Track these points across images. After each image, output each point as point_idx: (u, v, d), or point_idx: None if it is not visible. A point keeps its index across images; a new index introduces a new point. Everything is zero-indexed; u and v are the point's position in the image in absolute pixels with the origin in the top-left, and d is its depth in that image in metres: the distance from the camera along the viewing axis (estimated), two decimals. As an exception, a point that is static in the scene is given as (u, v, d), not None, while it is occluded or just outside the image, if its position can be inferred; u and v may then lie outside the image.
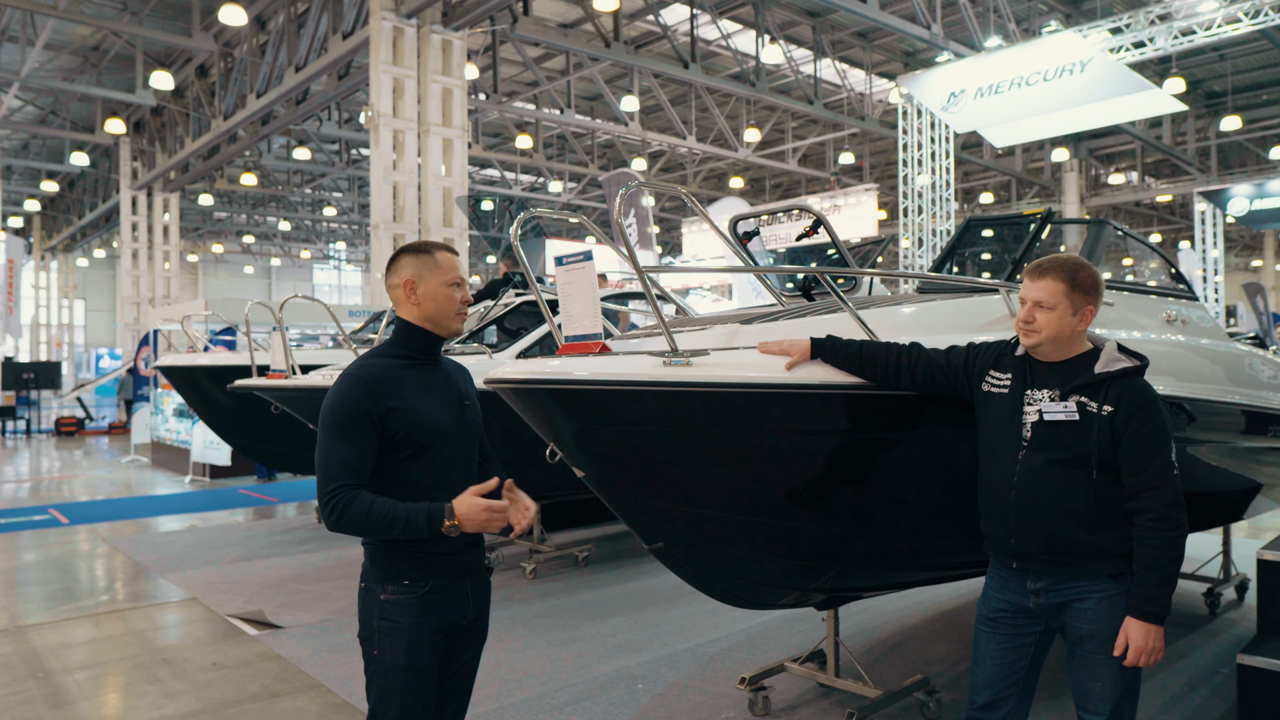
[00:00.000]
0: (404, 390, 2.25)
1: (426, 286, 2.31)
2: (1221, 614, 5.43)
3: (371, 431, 2.18)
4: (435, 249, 2.37)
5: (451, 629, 2.30)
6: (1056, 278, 2.48)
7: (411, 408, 2.23)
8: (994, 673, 2.61)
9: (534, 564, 6.50)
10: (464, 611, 2.32)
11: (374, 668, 2.25)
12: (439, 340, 2.38)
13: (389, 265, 2.41)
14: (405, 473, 2.23)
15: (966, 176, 28.35)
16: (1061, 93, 14.78)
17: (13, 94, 18.94)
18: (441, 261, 2.34)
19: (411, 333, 2.34)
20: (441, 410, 2.31)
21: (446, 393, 2.36)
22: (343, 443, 2.16)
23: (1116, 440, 2.39)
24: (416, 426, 2.23)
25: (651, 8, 16.00)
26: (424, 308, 2.32)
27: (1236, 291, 22.18)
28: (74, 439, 18.68)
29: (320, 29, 13.60)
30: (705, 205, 22.19)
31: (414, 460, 2.24)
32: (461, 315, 2.37)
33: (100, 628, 5.34)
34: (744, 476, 2.89)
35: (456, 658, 2.36)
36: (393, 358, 2.31)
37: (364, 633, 2.27)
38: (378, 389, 2.21)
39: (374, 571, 2.27)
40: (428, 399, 2.29)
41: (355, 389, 2.21)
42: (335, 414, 2.19)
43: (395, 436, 2.20)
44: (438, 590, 2.25)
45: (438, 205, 12.37)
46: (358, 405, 2.18)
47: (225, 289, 41.37)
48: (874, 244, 7.69)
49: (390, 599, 2.23)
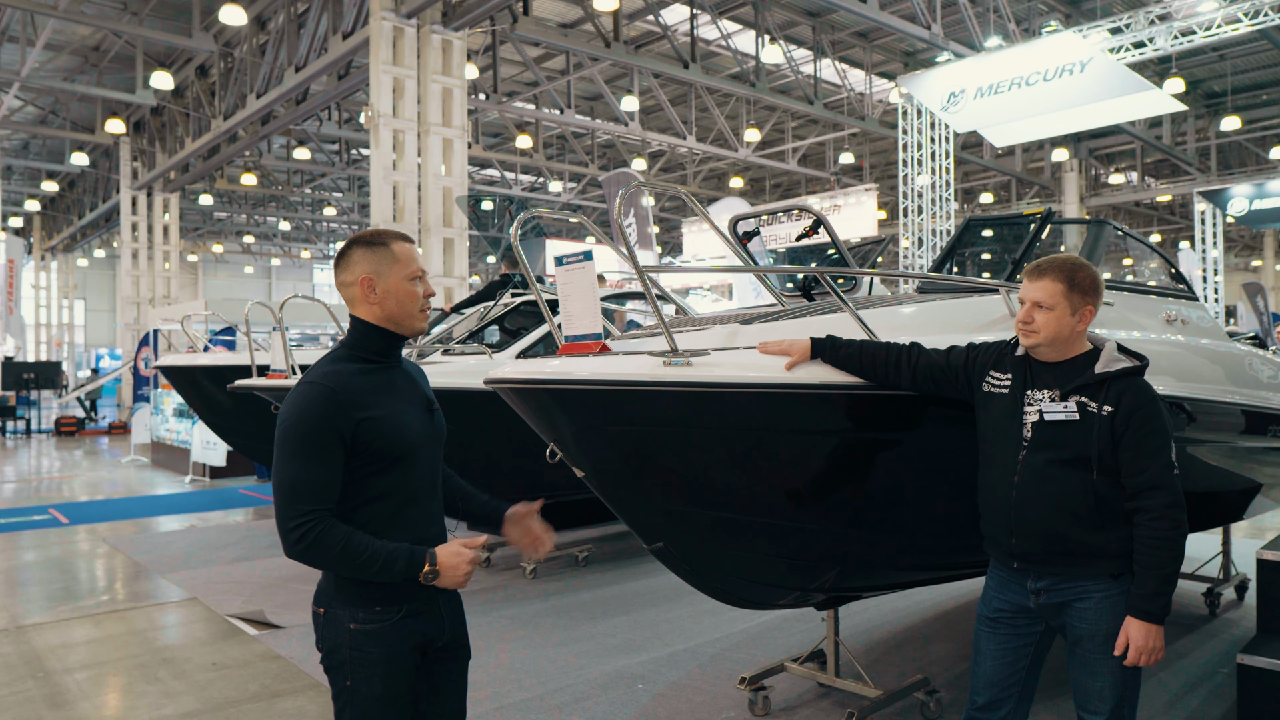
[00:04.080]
0: (373, 399, 2.05)
1: (386, 283, 2.10)
2: (1221, 614, 5.43)
3: (341, 449, 1.98)
4: (391, 240, 2.14)
5: (428, 649, 2.14)
6: (1055, 278, 2.48)
7: (383, 418, 2.04)
8: (994, 673, 2.61)
9: (534, 564, 6.50)
10: (440, 632, 2.15)
11: (346, 698, 2.06)
12: (400, 340, 2.17)
13: (339, 260, 2.16)
14: (375, 485, 2.05)
15: (966, 176, 28.34)
16: (1061, 93, 14.78)
17: (13, 94, 18.93)
18: (400, 254, 2.12)
19: (372, 334, 2.13)
20: (410, 416, 2.12)
21: (412, 398, 2.17)
22: (309, 462, 1.96)
23: (1116, 440, 2.39)
24: (390, 439, 2.04)
25: (651, 8, 15.99)
26: (384, 306, 2.11)
27: (1236, 291, 22.20)
28: (74, 439, 18.68)
29: (320, 29, 13.59)
30: (705, 205, 22.19)
31: (383, 474, 2.05)
32: (425, 312, 2.16)
33: (100, 628, 5.34)
34: (744, 476, 2.89)
35: (442, 682, 2.20)
36: (355, 362, 2.10)
37: (331, 661, 2.07)
38: (347, 401, 2.00)
39: (338, 596, 2.06)
40: (399, 406, 2.10)
41: (322, 402, 1.99)
42: (300, 429, 1.98)
43: (366, 451, 2.01)
44: (412, 614, 2.07)
45: (438, 205, 12.37)
46: (326, 421, 1.97)
47: (225, 289, 41.36)
48: (874, 244, 7.69)
49: (361, 629, 2.03)
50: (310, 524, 1.93)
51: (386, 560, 1.95)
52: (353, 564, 1.95)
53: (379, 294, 2.10)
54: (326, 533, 1.93)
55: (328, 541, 1.93)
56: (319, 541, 1.93)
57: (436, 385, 2.43)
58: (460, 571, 2.00)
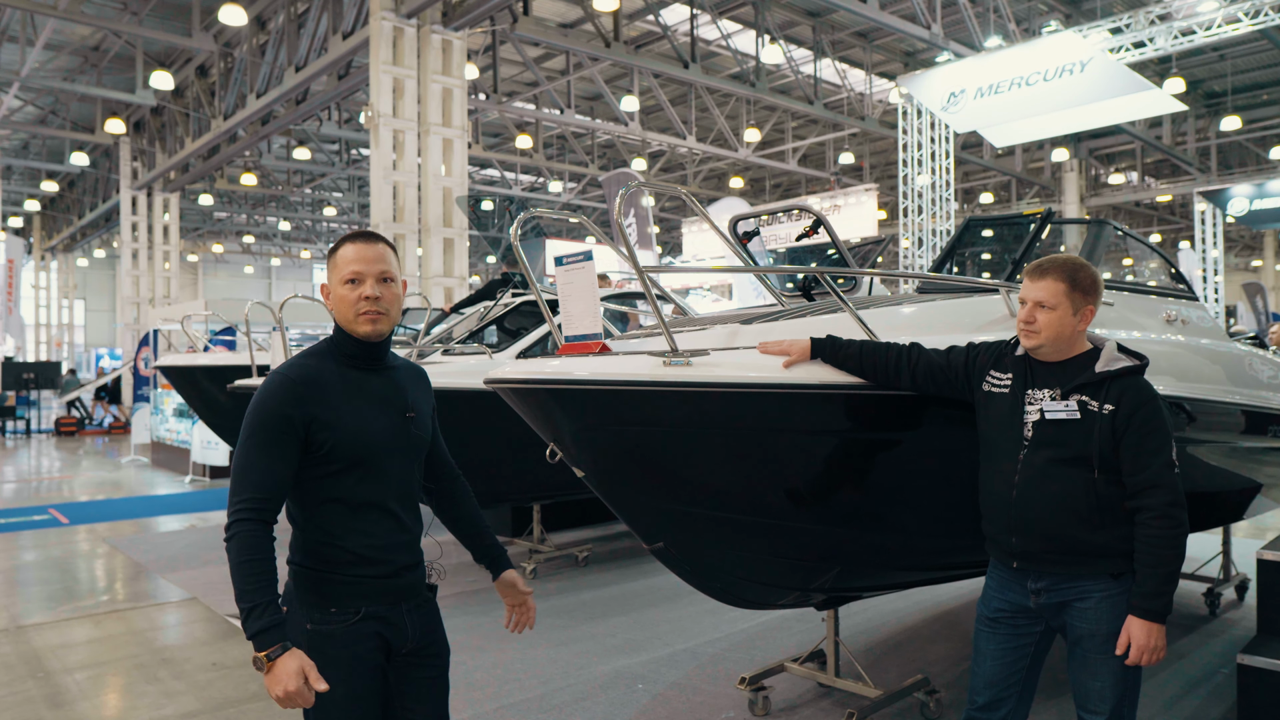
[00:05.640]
0: (334, 397, 2.02)
1: (333, 289, 2.09)
2: (1221, 614, 5.43)
3: (293, 440, 1.96)
4: (342, 244, 2.10)
5: (391, 652, 2.09)
6: (1057, 278, 2.48)
7: (340, 418, 2.00)
8: (994, 673, 2.61)
9: (534, 564, 6.50)
10: (403, 639, 2.09)
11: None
12: (372, 345, 2.10)
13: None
14: (333, 487, 2.02)
15: (966, 176, 28.35)
16: (1061, 93, 14.78)
17: (13, 94, 18.93)
18: (339, 258, 2.08)
19: (342, 339, 2.11)
20: (378, 421, 2.07)
21: (388, 402, 2.11)
22: (258, 451, 1.95)
23: (1117, 439, 2.40)
24: (345, 439, 2.00)
25: (651, 8, 15.99)
26: (336, 310, 2.09)
27: (1236, 291, 22.20)
28: (74, 439, 18.68)
29: (320, 29, 13.60)
30: (705, 205, 22.19)
31: (344, 475, 2.02)
32: (365, 315, 2.05)
33: (100, 628, 5.34)
34: (744, 476, 2.89)
35: (415, 687, 2.14)
36: (330, 358, 2.09)
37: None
38: (304, 394, 1.99)
39: (297, 595, 2.04)
40: (363, 408, 2.05)
41: (280, 391, 1.98)
42: (257, 417, 1.97)
43: (321, 449, 1.98)
44: (370, 616, 2.03)
45: (438, 205, 12.37)
46: (280, 410, 1.96)
47: (225, 289, 41.36)
48: (874, 244, 7.69)
49: (318, 629, 2.00)
50: (237, 520, 1.91)
51: (250, 610, 1.87)
52: (236, 582, 1.89)
53: (332, 300, 2.10)
54: (246, 537, 1.90)
55: (241, 546, 1.90)
56: (236, 540, 1.90)
57: (436, 385, 2.41)
58: (279, 689, 1.85)
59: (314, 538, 2.04)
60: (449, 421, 2.50)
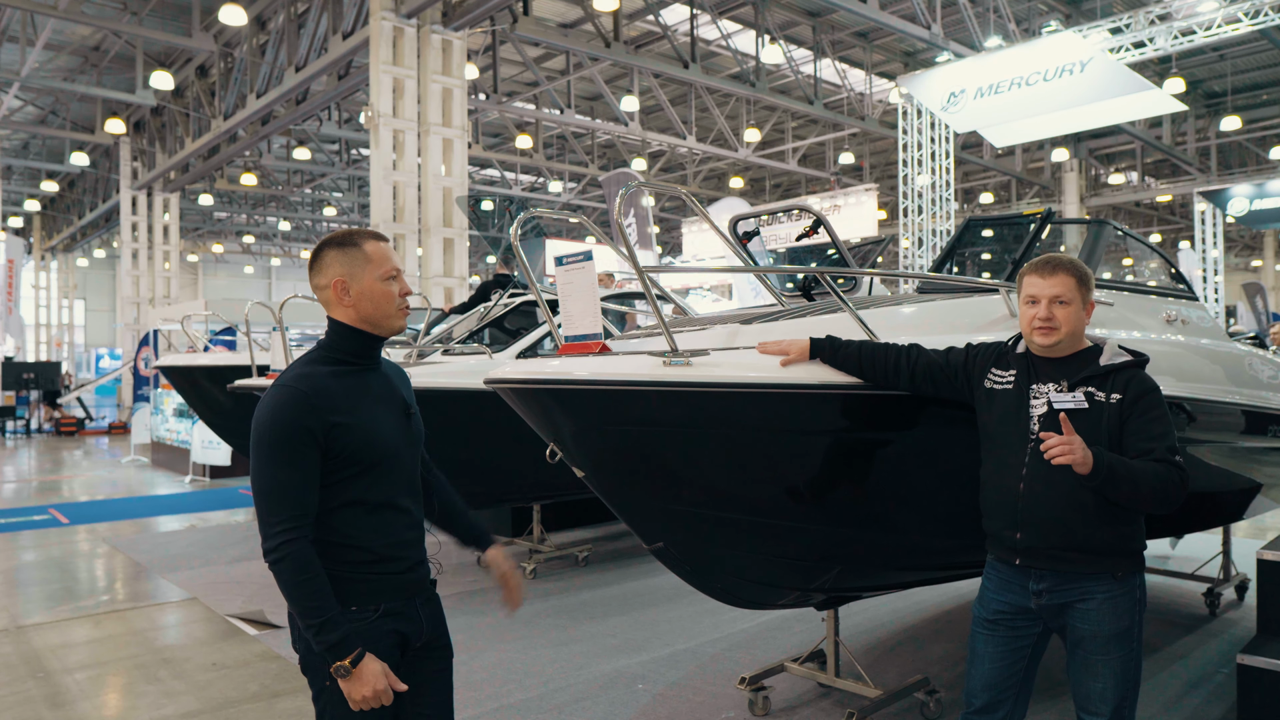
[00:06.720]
0: (348, 402, 2.02)
1: (360, 285, 2.06)
2: (1221, 614, 5.43)
3: (315, 452, 1.96)
4: (363, 239, 2.10)
5: (406, 647, 2.11)
6: (1069, 273, 2.52)
7: (358, 422, 2.01)
8: (992, 675, 2.60)
9: (534, 564, 6.50)
10: (418, 632, 2.12)
11: (327, 698, 2.02)
12: (379, 341, 2.14)
13: (312, 262, 2.12)
14: (351, 489, 2.02)
15: (966, 176, 28.34)
16: (1061, 93, 14.77)
17: (13, 94, 18.93)
18: (372, 254, 2.08)
19: (348, 336, 2.10)
20: (387, 421, 2.09)
21: (390, 401, 2.14)
22: (285, 468, 1.94)
23: (1123, 423, 2.42)
24: (364, 443, 2.02)
25: (651, 8, 15.99)
26: (360, 308, 2.07)
27: (1236, 291, 22.17)
28: (74, 439, 18.67)
29: (320, 29, 13.60)
30: (705, 205, 22.18)
31: (360, 477, 2.03)
32: (404, 311, 2.13)
33: (100, 628, 5.34)
34: (744, 476, 2.89)
35: (423, 681, 2.16)
36: (331, 364, 2.07)
37: (308, 661, 2.04)
38: (320, 403, 1.98)
39: None
40: (374, 410, 2.07)
41: (295, 404, 1.97)
42: (275, 433, 1.96)
43: (340, 455, 1.99)
44: (388, 613, 2.05)
45: (438, 205, 12.37)
46: (299, 423, 1.95)
47: (225, 289, 41.34)
48: (874, 244, 7.68)
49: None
50: (285, 541, 1.92)
51: (321, 625, 1.91)
52: (298, 601, 1.92)
53: (353, 296, 2.07)
54: (297, 557, 1.92)
55: (295, 566, 1.92)
56: (288, 561, 1.92)
57: (437, 385, 2.42)
58: (366, 690, 1.92)
59: (333, 540, 2.03)
60: (449, 421, 2.50)
